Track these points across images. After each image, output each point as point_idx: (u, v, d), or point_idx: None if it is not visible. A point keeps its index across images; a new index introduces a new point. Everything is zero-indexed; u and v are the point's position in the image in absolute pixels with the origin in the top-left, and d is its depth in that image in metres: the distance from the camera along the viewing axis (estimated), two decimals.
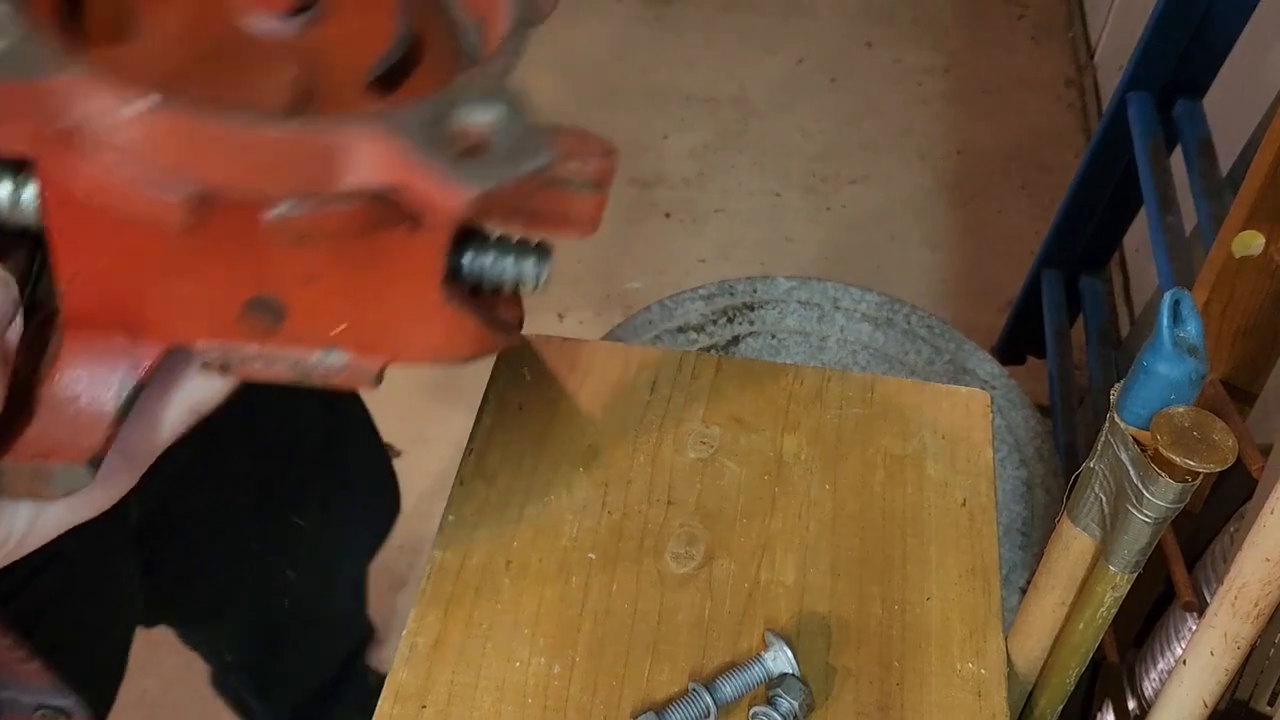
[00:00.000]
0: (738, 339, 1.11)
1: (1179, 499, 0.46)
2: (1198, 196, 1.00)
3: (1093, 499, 0.52)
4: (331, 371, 0.31)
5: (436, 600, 0.51)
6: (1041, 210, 1.87)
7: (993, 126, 2.03)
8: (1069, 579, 0.56)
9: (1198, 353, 0.45)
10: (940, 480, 0.56)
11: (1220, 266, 0.78)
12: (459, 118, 0.26)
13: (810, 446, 0.58)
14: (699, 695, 0.47)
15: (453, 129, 0.26)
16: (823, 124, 1.98)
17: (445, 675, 0.49)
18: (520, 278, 0.33)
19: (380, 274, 0.29)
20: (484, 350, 0.33)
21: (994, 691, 0.48)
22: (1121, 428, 0.48)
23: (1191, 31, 1.11)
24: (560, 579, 0.52)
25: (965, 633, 0.50)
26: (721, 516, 0.55)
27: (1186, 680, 0.56)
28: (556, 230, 0.31)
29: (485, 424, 0.58)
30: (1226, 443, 0.45)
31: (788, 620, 0.51)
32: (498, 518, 0.55)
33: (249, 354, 0.31)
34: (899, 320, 1.12)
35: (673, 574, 0.53)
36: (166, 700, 1.28)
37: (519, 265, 0.32)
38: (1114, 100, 1.21)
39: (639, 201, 1.86)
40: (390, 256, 0.29)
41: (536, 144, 0.26)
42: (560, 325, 1.68)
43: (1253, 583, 0.52)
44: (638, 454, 0.57)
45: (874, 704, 0.48)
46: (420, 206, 0.25)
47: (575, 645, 0.50)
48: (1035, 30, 2.25)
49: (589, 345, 0.62)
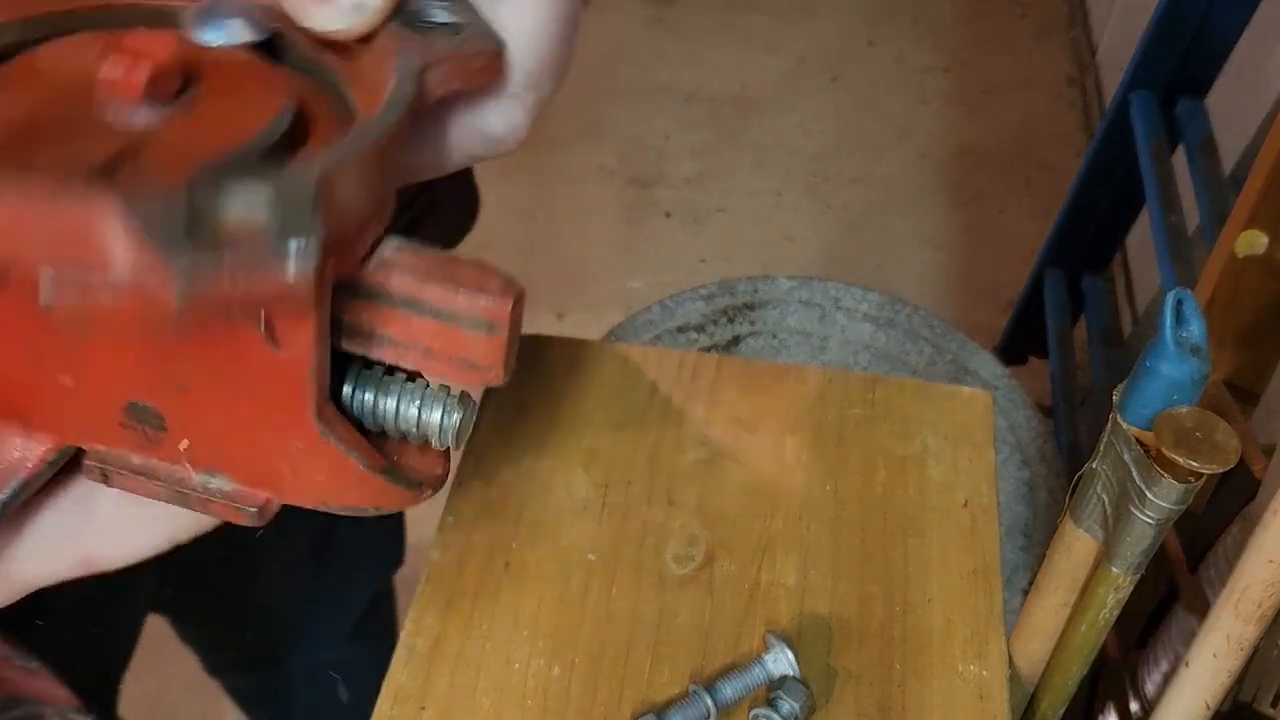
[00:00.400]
0: (738, 339, 1.11)
1: (1181, 500, 0.46)
2: (1200, 196, 0.99)
3: (1095, 500, 0.52)
4: (212, 498, 0.29)
5: (435, 602, 0.51)
6: (1043, 210, 1.87)
7: (994, 126, 2.03)
8: (1071, 580, 0.56)
9: (1200, 353, 0.45)
10: (942, 481, 0.56)
11: (1223, 266, 0.78)
12: (207, 203, 0.23)
13: (811, 447, 0.58)
14: (699, 697, 0.47)
15: (199, 215, 0.23)
16: (824, 123, 1.98)
17: (444, 677, 0.49)
18: (426, 426, 0.29)
19: (251, 391, 0.26)
20: (382, 504, 0.29)
21: (996, 693, 0.48)
22: (1124, 428, 0.47)
23: (1194, 30, 1.11)
24: (560, 580, 0.52)
25: (967, 634, 0.50)
26: (722, 517, 0.55)
27: (1189, 682, 0.56)
28: (461, 376, 0.28)
29: (484, 424, 0.58)
30: (1229, 443, 0.45)
31: (789, 622, 0.51)
32: (497, 519, 0.54)
33: (130, 464, 0.28)
34: (900, 320, 1.11)
35: (673, 575, 0.53)
36: (167, 700, 1.28)
37: (424, 411, 0.29)
38: (1116, 99, 1.21)
39: (639, 201, 1.86)
40: (255, 372, 0.26)
41: (296, 241, 0.23)
42: (560, 325, 1.68)
43: (1256, 584, 0.51)
44: (638, 454, 0.57)
45: (875, 706, 0.48)
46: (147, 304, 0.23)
47: (575, 647, 0.50)
48: (1037, 29, 2.25)
49: (589, 345, 0.62)
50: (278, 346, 0.25)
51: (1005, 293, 1.71)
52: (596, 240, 1.78)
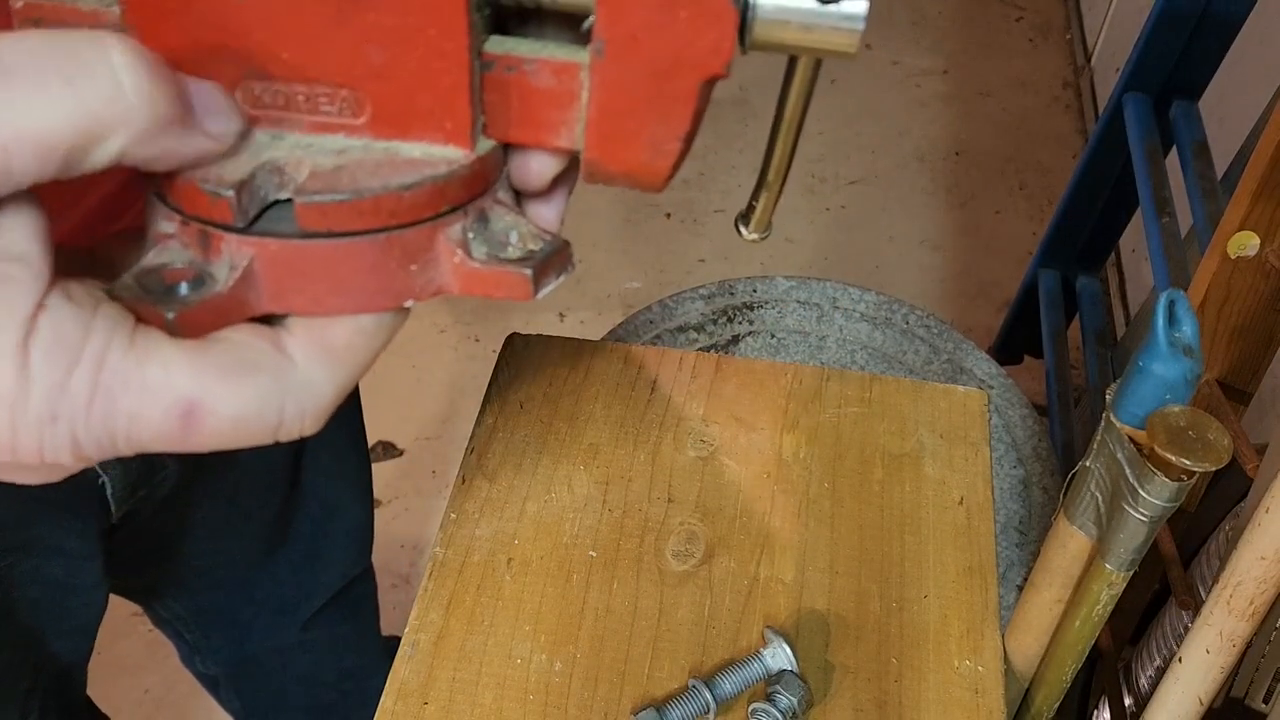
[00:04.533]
0: (737, 338, 1.12)
1: (1174, 498, 0.46)
2: (1194, 198, 1.00)
3: (1089, 498, 0.53)
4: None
5: (438, 597, 0.52)
6: (1039, 211, 1.88)
7: (991, 128, 2.04)
8: (1065, 577, 0.57)
9: (1193, 353, 0.46)
10: (938, 479, 0.57)
11: (1216, 267, 0.79)
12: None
13: (809, 445, 0.58)
14: (699, 692, 0.47)
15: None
16: (822, 125, 1.99)
17: (447, 672, 0.49)
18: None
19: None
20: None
21: (991, 688, 0.49)
22: (1118, 427, 0.48)
23: (1188, 34, 1.12)
24: (561, 576, 0.53)
25: (963, 630, 0.51)
26: (721, 514, 0.55)
27: (1182, 677, 0.57)
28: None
29: (487, 423, 0.59)
30: (1222, 442, 0.45)
31: (787, 617, 0.51)
32: (499, 515, 0.55)
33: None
34: (897, 320, 1.12)
35: (673, 571, 0.53)
36: (168, 700, 1.28)
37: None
38: (1111, 102, 1.22)
39: (639, 202, 1.87)
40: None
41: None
42: (560, 325, 1.69)
43: (1248, 581, 0.52)
44: (638, 452, 0.58)
45: (872, 700, 0.49)
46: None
47: (576, 642, 0.50)
48: (1033, 32, 2.26)
49: (589, 345, 0.63)
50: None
51: (1001, 293, 1.72)
52: (597, 240, 1.78)
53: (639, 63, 0.26)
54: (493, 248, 0.28)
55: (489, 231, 0.28)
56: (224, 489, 0.71)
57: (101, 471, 0.56)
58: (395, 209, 0.27)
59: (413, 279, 0.28)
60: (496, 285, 0.28)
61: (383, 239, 0.27)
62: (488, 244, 0.28)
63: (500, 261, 0.28)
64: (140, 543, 0.67)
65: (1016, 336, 1.50)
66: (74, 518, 0.57)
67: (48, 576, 0.57)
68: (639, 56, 0.26)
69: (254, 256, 0.26)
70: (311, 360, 0.27)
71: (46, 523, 0.55)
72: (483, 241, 0.28)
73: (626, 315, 1.17)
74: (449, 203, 0.28)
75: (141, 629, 1.30)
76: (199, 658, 0.87)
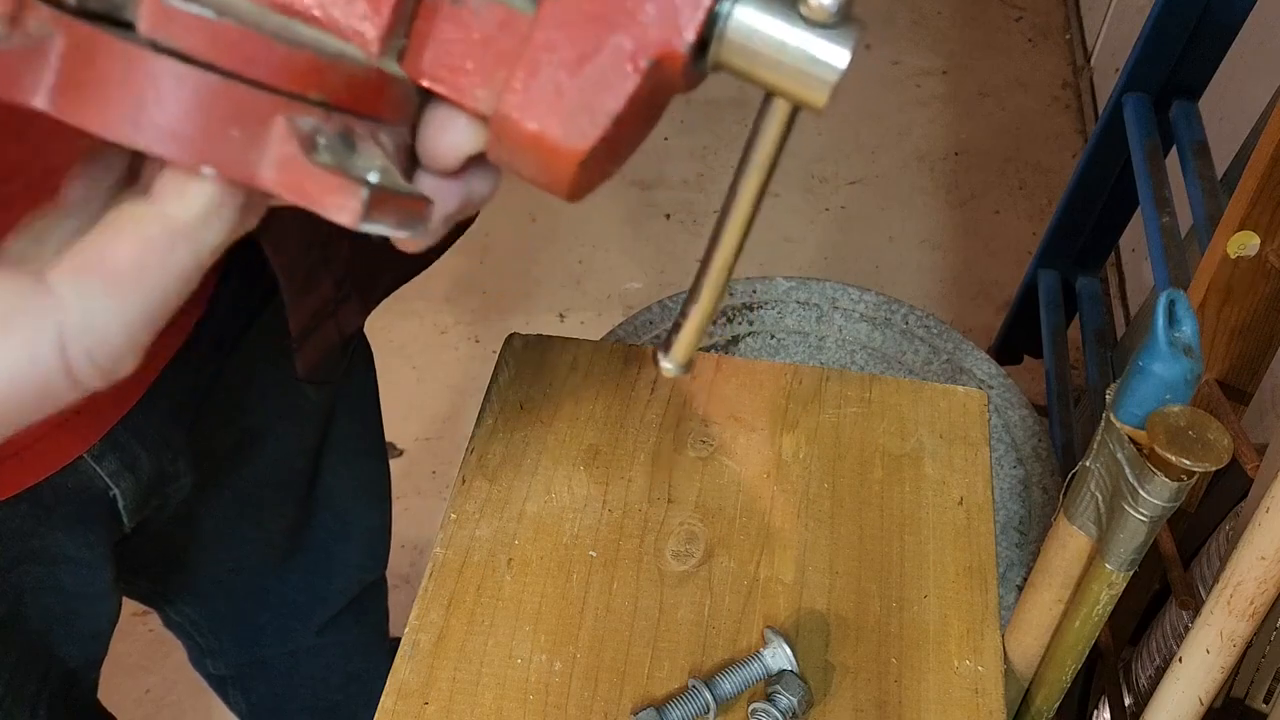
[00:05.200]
0: (737, 339, 1.12)
1: (1174, 498, 0.46)
2: (1193, 198, 1.00)
3: (1089, 498, 0.53)
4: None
5: (439, 598, 0.52)
6: (1038, 211, 1.87)
7: (990, 128, 2.04)
8: (1065, 577, 0.57)
9: (1193, 353, 0.46)
10: (938, 479, 0.57)
11: (1216, 267, 0.79)
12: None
13: (809, 445, 0.58)
14: (699, 692, 0.47)
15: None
16: (821, 125, 1.99)
17: (447, 672, 0.49)
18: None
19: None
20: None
21: (991, 688, 0.49)
22: (1117, 427, 0.48)
23: (1188, 34, 1.12)
24: (561, 576, 0.53)
25: (963, 630, 0.51)
26: (721, 514, 0.55)
27: (1183, 677, 0.57)
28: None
29: (487, 423, 0.59)
30: (1222, 442, 0.45)
31: (786, 617, 0.51)
32: (499, 516, 0.55)
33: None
34: (897, 320, 1.12)
35: (673, 571, 0.53)
36: (168, 699, 1.28)
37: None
38: (1111, 102, 1.22)
39: (639, 202, 1.87)
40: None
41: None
42: (560, 325, 1.69)
43: (1248, 581, 0.52)
44: (638, 453, 0.58)
45: (872, 701, 0.49)
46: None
47: (576, 642, 0.50)
48: (1032, 32, 2.26)
49: (589, 345, 0.63)
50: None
51: (1001, 293, 1.72)
52: (597, 241, 1.78)
53: (587, 4, 0.24)
54: (337, 161, 0.24)
55: (344, 154, 0.25)
56: (237, 498, 0.71)
57: (112, 484, 0.56)
58: (255, 57, 0.23)
59: (225, 145, 0.23)
60: (319, 191, 0.24)
61: (219, 82, 0.23)
62: (334, 157, 0.24)
63: (334, 171, 0.24)
64: (153, 551, 0.67)
65: (1016, 336, 1.50)
66: (84, 528, 0.57)
67: (58, 584, 0.57)
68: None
69: (60, 35, 0.23)
70: (88, 292, 0.23)
71: (56, 532, 0.55)
72: (330, 154, 0.24)
73: (626, 315, 1.17)
74: (317, 91, 0.24)
75: (141, 629, 1.30)
76: (210, 660, 0.87)
